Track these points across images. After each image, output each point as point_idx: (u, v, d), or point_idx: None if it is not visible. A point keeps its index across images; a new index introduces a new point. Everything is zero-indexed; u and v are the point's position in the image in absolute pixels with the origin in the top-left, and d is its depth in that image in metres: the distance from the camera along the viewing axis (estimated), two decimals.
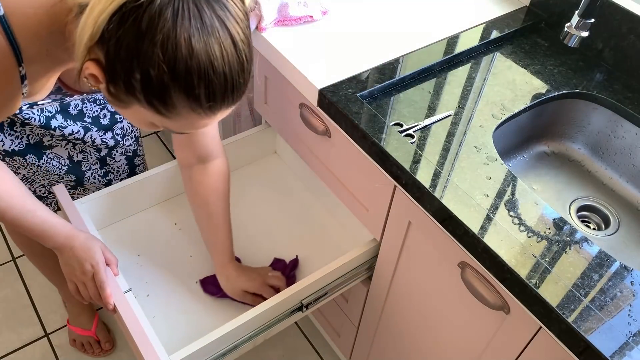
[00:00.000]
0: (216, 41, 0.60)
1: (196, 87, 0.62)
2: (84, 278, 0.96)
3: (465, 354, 0.98)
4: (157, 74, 0.60)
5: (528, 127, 1.08)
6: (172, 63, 0.59)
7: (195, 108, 0.64)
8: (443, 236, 0.88)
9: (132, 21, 0.58)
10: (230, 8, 0.62)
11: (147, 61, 0.59)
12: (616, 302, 0.73)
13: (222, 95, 0.64)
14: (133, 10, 0.58)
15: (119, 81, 0.63)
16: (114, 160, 1.21)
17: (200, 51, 0.60)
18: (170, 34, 0.58)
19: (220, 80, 0.62)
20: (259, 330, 1.00)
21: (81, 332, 1.54)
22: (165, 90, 0.61)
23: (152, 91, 0.62)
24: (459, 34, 1.12)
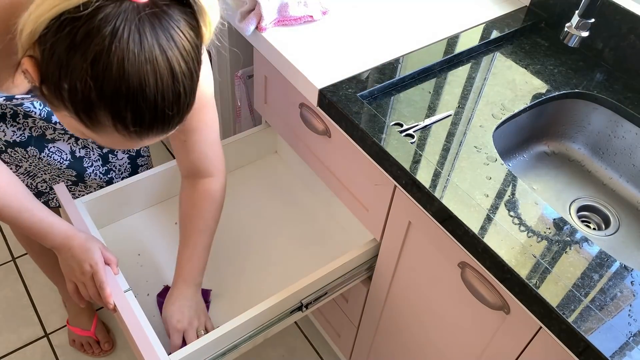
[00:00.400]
0: (152, 69, 0.59)
1: (122, 110, 0.60)
2: (83, 278, 0.96)
3: (465, 354, 0.98)
4: (84, 89, 0.59)
5: (528, 127, 1.08)
6: (100, 82, 0.58)
7: (120, 130, 0.63)
8: (443, 236, 0.88)
9: (68, 31, 0.57)
10: (177, 38, 0.60)
11: (76, 74, 0.58)
12: (616, 302, 0.73)
13: (150, 124, 0.63)
14: (71, 21, 0.57)
15: (50, 85, 0.62)
16: (116, 157, 1.21)
17: (132, 75, 0.58)
18: (103, 52, 0.57)
19: (150, 108, 0.61)
20: (259, 330, 1.00)
21: (80, 333, 1.54)
22: (91, 106, 0.60)
23: (78, 104, 0.61)
24: (459, 34, 1.12)
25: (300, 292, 1.01)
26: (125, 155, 1.22)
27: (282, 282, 1.13)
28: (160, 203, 1.26)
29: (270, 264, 1.16)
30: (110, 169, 1.21)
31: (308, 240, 1.21)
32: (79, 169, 1.16)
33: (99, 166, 1.19)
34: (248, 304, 1.00)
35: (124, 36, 0.57)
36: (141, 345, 0.89)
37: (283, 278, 1.14)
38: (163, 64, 0.59)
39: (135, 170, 1.26)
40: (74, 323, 1.54)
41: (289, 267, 1.16)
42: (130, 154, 1.23)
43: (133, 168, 1.26)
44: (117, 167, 1.23)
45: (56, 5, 0.56)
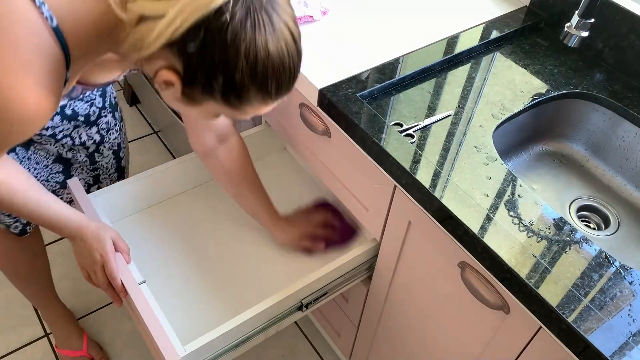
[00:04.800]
0: (284, 43, 0.69)
1: (269, 84, 0.70)
2: (94, 267, 0.98)
3: (465, 354, 0.98)
4: (240, 77, 0.68)
5: (528, 127, 1.08)
6: (254, 68, 0.68)
7: (265, 99, 0.73)
8: (443, 236, 0.88)
9: (217, 34, 0.64)
10: (287, 9, 0.70)
11: (233, 68, 0.67)
12: (616, 302, 0.73)
13: (287, 85, 0.74)
14: (217, 27, 0.64)
15: (197, 85, 0.70)
16: (102, 156, 1.21)
17: (274, 53, 0.68)
18: (251, 43, 0.66)
19: (287, 74, 0.71)
20: (259, 330, 1.00)
21: (73, 354, 1.52)
22: (243, 89, 0.70)
23: (231, 91, 0.70)
24: (459, 34, 1.12)
25: (300, 292, 1.01)
26: (110, 152, 1.23)
27: (282, 282, 1.13)
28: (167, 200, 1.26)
29: (271, 264, 1.16)
30: (97, 167, 1.22)
31: None
32: (64, 163, 1.16)
33: (87, 165, 1.19)
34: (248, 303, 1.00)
35: (261, 24, 0.66)
36: (157, 336, 0.89)
37: (283, 278, 1.14)
38: (289, 36, 0.69)
39: (119, 163, 1.27)
40: (64, 346, 1.52)
41: (289, 267, 1.16)
42: (114, 149, 1.24)
43: (117, 163, 1.27)
44: (104, 165, 1.23)
45: (192, 18, 0.63)
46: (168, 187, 1.25)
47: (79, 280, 1.71)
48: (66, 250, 1.78)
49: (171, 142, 2.10)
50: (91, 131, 1.15)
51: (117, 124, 1.22)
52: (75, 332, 1.53)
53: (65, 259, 1.75)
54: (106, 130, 1.19)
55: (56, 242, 1.80)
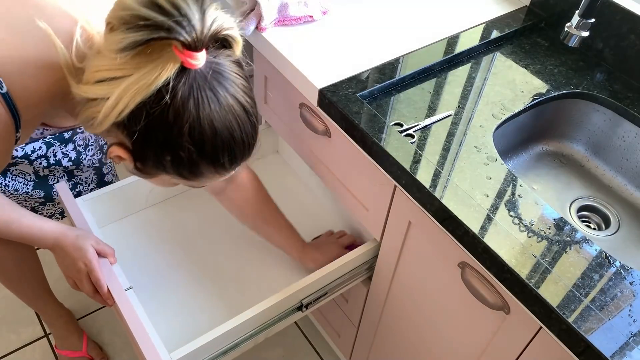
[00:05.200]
0: (233, 117, 0.69)
1: (221, 158, 0.71)
2: (79, 276, 0.96)
3: (465, 354, 0.98)
4: (187, 155, 0.68)
5: (528, 127, 1.08)
6: (200, 145, 0.68)
7: (220, 171, 0.74)
8: (443, 236, 0.88)
9: (159, 115, 0.65)
10: (237, 81, 0.69)
11: (177, 147, 0.67)
12: (616, 302, 0.73)
13: (241, 157, 0.74)
14: (158, 107, 0.64)
15: (148, 161, 0.71)
16: (81, 172, 1.20)
17: (222, 129, 0.68)
18: (195, 122, 0.66)
19: (240, 147, 0.71)
20: (259, 330, 1.00)
21: (72, 354, 1.51)
22: (194, 165, 0.70)
23: (182, 167, 0.71)
24: (459, 34, 1.12)
25: (300, 292, 1.01)
26: (90, 168, 1.22)
27: (282, 282, 1.13)
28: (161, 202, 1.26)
29: (271, 264, 1.16)
30: (77, 182, 1.21)
31: (308, 240, 1.21)
32: (46, 190, 1.15)
33: (65, 182, 1.18)
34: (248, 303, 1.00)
35: (205, 102, 0.66)
36: (142, 344, 0.89)
37: (283, 278, 1.14)
38: (238, 108, 0.69)
39: (102, 179, 1.26)
40: (64, 346, 1.52)
41: (289, 267, 1.16)
42: (95, 165, 1.23)
43: (100, 177, 1.25)
44: (84, 180, 1.22)
45: (134, 101, 0.64)
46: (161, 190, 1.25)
47: None
48: None
49: None
50: (67, 148, 1.14)
51: (97, 139, 1.21)
52: (75, 332, 1.53)
53: None
54: (83, 147, 1.17)
55: None
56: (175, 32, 0.62)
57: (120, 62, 0.64)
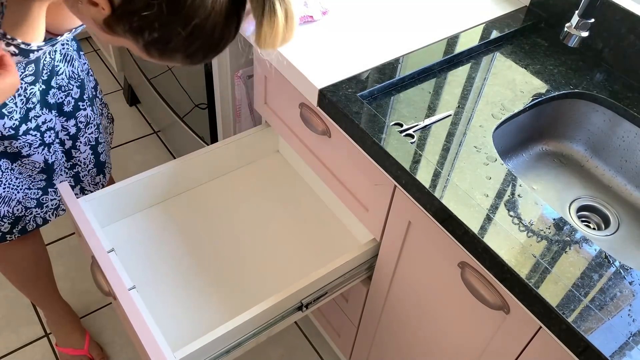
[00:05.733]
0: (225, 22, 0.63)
1: (199, 56, 0.65)
2: None
3: (465, 354, 0.98)
4: (174, 44, 0.62)
5: (528, 127, 1.08)
6: (191, 41, 0.62)
7: (189, 64, 0.67)
8: (443, 236, 0.88)
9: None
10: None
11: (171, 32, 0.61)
12: (616, 302, 0.73)
13: (212, 57, 0.67)
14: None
15: (126, 24, 0.61)
16: (79, 151, 1.20)
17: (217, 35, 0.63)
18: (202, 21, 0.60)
19: (218, 47, 0.66)
20: (259, 330, 1.00)
21: (73, 352, 1.52)
22: (172, 52, 0.64)
23: (157, 47, 0.63)
24: (459, 34, 1.12)
25: (300, 292, 1.01)
26: (87, 147, 1.22)
27: (282, 282, 1.13)
28: (162, 202, 1.26)
29: (271, 264, 1.17)
30: (76, 163, 1.21)
31: (308, 240, 1.21)
32: (49, 172, 1.16)
33: (64, 162, 1.19)
34: (248, 303, 1.00)
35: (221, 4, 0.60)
36: (146, 343, 0.89)
37: (283, 278, 1.14)
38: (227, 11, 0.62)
39: (98, 158, 1.26)
40: (65, 344, 1.52)
41: (289, 267, 1.16)
42: (91, 144, 1.22)
43: (96, 157, 1.25)
44: (82, 161, 1.22)
45: None
46: (165, 189, 1.25)
47: (79, 280, 1.71)
48: (66, 250, 1.78)
49: (171, 142, 2.10)
50: (68, 124, 1.14)
51: (95, 118, 1.21)
52: (78, 330, 1.53)
53: (66, 259, 1.75)
54: (85, 124, 1.17)
55: (56, 242, 1.80)
56: None
57: None
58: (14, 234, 1.19)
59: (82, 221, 1.05)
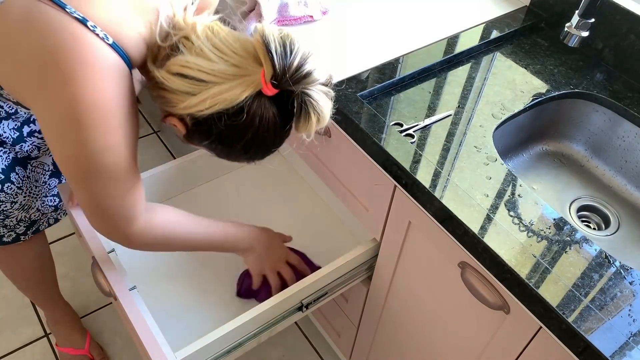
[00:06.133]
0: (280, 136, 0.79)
1: (257, 158, 0.83)
2: (280, 263, 1.06)
3: (465, 354, 0.98)
4: (235, 151, 0.80)
5: (528, 127, 1.08)
6: (248, 148, 0.79)
7: (249, 162, 0.84)
8: (443, 236, 0.88)
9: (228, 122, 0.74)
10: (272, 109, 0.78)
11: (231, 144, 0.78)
12: (616, 302, 0.73)
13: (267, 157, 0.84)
14: (232, 118, 0.74)
15: (199, 140, 0.80)
16: None
17: (269, 142, 0.79)
18: (254, 134, 0.76)
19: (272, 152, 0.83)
20: (259, 330, 1.00)
21: (73, 352, 1.51)
22: (235, 156, 0.82)
23: (224, 153, 0.82)
24: (459, 34, 1.12)
25: (300, 292, 1.01)
26: None
27: None
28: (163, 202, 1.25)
29: None
30: None
31: (308, 240, 1.21)
32: (58, 175, 1.16)
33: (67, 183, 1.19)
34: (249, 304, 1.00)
35: (267, 122, 0.76)
36: (147, 343, 0.89)
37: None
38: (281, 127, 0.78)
39: None
40: (65, 344, 1.52)
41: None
42: None
43: None
44: None
45: (219, 107, 0.73)
46: (165, 189, 1.25)
47: (79, 280, 1.71)
48: (66, 250, 1.78)
49: (171, 142, 2.10)
50: None
51: None
52: (79, 330, 1.53)
53: (66, 259, 1.75)
54: None
55: (57, 242, 1.80)
56: (274, 67, 0.72)
57: (218, 69, 0.73)
58: (28, 235, 1.20)
59: (83, 221, 1.05)
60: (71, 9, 0.72)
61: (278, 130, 0.77)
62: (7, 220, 1.11)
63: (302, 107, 0.75)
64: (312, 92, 0.75)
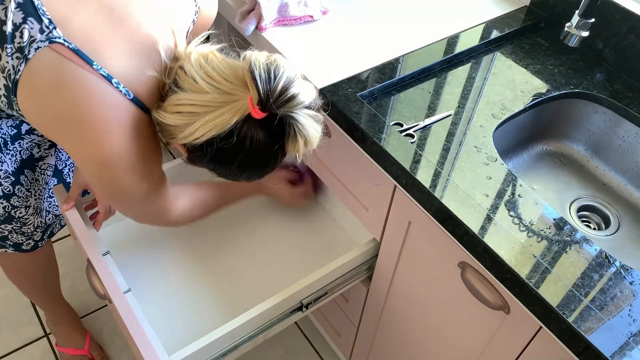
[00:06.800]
0: (273, 156, 0.82)
1: (254, 177, 0.87)
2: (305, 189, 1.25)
3: (466, 354, 0.98)
4: (232, 171, 0.84)
5: (528, 127, 1.08)
6: (244, 168, 0.83)
7: (249, 181, 0.90)
8: (443, 236, 0.88)
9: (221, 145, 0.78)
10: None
11: (226, 165, 0.82)
12: (616, 302, 0.73)
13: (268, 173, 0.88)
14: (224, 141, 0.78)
15: (199, 162, 0.85)
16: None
17: (264, 162, 0.83)
18: (246, 155, 0.79)
19: (270, 170, 0.87)
20: (259, 330, 1.00)
21: (73, 352, 1.51)
22: (233, 175, 0.86)
23: (225, 176, 0.87)
24: (459, 34, 1.12)
25: (300, 292, 1.01)
26: None
27: (282, 282, 1.13)
28: None
29: (271, 264, 1.16)
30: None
31: (308, 240, 1.21)
32: (60, 179, 1.18)
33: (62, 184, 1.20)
34: (248, 304, 1.00)
35: (257, 143, 0.79)
36: (141, 346, 0.89)
37: (283, 278, 1.14)
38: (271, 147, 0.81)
39: None
40: (65, 344, 1.52)
41: (289, 267, 1.16)
42: None
43: None
44: None
45: (212, 133, 0.77)
46: None
47: (79, 280, 1.71)
48: (66, 250, 1.78)
49: None
50: None
51: None
52: (79, 330, 1.53)
53: (66, 259, 1.75)
54: None
55: (56, 242, 1.80)
56: (259, 92, 0.75)
57: (209, 99, 0.77)
58: (44, 240, 1.22)
59: (78, 224, 1.04)
60: (98, 65, 0.77)
61: (270, 151, 0.81)
62: (24, 227, 1.13)
63: (289, 130, 0.79)
64: (298, 115, 0.78)
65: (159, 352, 0.89)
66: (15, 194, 1.05)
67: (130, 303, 0.94)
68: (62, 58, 0.75)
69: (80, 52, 0.76)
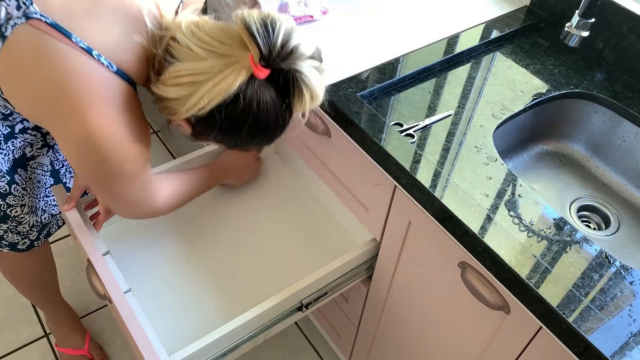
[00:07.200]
0: (281, 115, 0.79)
1: (265, 142, 0.84)
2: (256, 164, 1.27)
3: (466, 354, 0.98)
4: (244, 141, 0.81)
5: (528, 127, 1.08)
6: (254, 134, 0.80)
7: (260, 147, 0.92)
8: (443, 236, 0.88)
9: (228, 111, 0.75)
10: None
11: (236, 133, 0.79)
12: (616, 302, 0.73)
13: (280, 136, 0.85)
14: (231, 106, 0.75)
15: (205, 135, 0.82)
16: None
17: (272, 123, 0.79)
18: (257, 119, 0.77)
19: (279, 135, 0.83)
20: (259, 330, 1.00)
21: (73, 352, 1.51)
22: (243, 144, 0.83)
23: (234, 146, 0.84)
24: (459, 34, 1.12)
25: (300, 292, 1.01)
26: None
27: (282, 282, 1.13)
28: None
29: (270, 264, 1.16)
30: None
31: (308, 240, 1.21)
32: (57, 179, 1.17)
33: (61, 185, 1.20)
34: (248, 304, 1.00)
35: (265, 104, 0.76)
36: (142, 346, 0.89)
37: (283, 278, 1.14)
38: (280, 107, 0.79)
39: None
40: (65, 344, 1.52)
41: (289, 267, 1.16)
42: None
43: None
44: None
45: (217, 99, 0.74)
46: None
47: (79, 280, 1.71)
48: (66, 250, 1.78)
49: (171, 142, 2.10)
50: None
51: None
52: (79, 330, 1.53)
53: (65, 259, 1.75)
54: None
55: (56, 242, 1.80)
56: (259, 48, 0.72)
57: (208, 65, 0.73)
58: (41, 240, 1.21)
59: (78, 224, 1.04)
60: (77, 38, 0.75)
61: (278, 111, 0.78)
62: (20, 226, 1.12)
63: (294, 84, 0.76)
64: (302, 68, 0.75)
65: (159, 352, 0.89)
66: (11, 193, 1.05)
67: (130, 303, 0.94)
68: (41, 33, 0.74)
69: (58, 26, 0.74)
